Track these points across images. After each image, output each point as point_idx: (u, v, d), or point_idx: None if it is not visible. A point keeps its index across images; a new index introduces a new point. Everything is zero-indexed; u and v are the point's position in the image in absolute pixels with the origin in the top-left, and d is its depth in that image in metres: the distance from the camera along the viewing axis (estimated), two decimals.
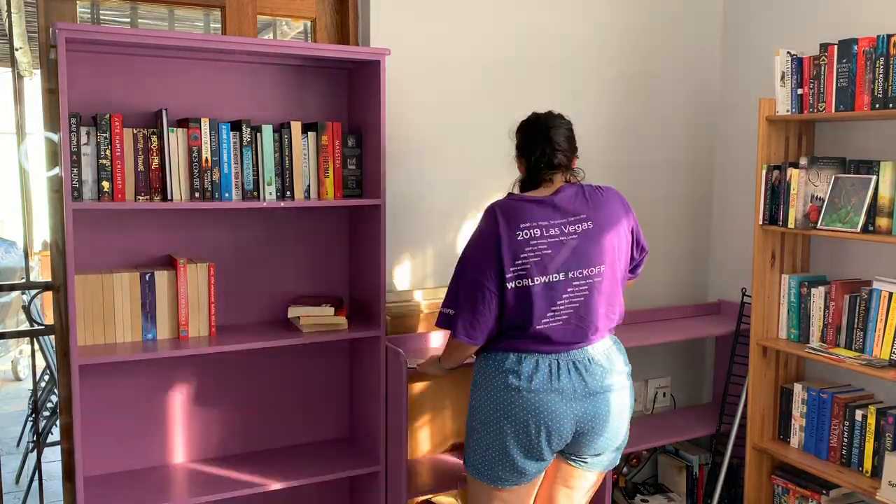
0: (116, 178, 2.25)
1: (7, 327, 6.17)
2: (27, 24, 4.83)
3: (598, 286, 2.12)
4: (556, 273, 2.07)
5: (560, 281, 2.07)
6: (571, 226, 2.11)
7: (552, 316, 2.07)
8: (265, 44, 2.51)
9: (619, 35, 3.22)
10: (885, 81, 2.45)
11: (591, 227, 2.12)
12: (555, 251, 2.07)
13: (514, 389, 2.06)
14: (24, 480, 3.95)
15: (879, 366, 2.51)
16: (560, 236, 2.09)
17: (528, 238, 2.07)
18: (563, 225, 2.10)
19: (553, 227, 2.09)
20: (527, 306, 2.06)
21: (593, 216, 2.13)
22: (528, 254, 2.06)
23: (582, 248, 2.09)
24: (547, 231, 2.08)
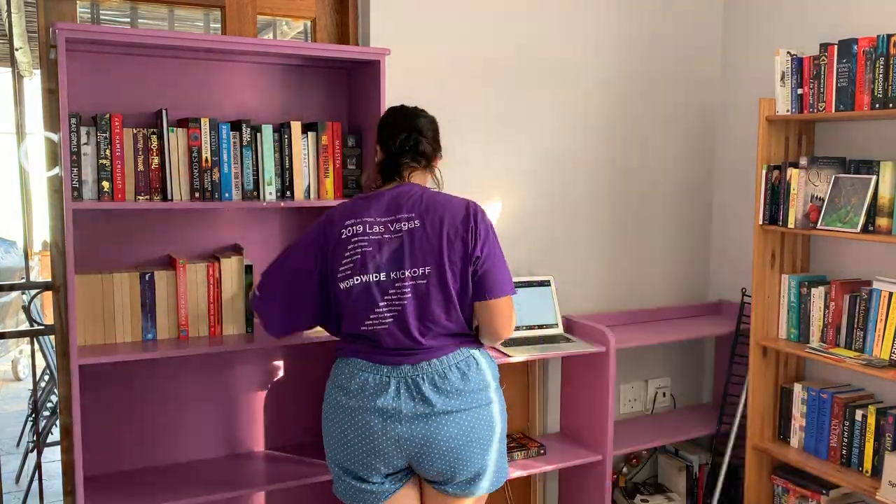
0: (116, 177, 2.25)
1: (7, 327, 6.17)
2: (27, 23, 4.83)
3: (424, 288, 1.96)
4: (377, 272, 1.95)
5: (381, 281, 1.95)
6: (397, 223, 1.98)
7: (375, 318, 1.96)
8: (265, 44, 2.51)
9: (619, 35, 3.22)
10: (885, 81, 2.46)
11: (417, 227, 1.97)
12: (375, 249, 1.96)
13: (343, 409, 1.98)
14: (24, 480, 3.95)
15: (879, 366, 2.51)
16: (384, 234, 1.98)
17: (350, 235, 1.98)
18: (388, 222, 1.99)
19: (377, 224, 1.98)
20: (352, 307, 1.97)
21: (423, 216, 1.98)
22: (350, 251, 1.97)
23: (407, 247, 1.96)
24: (370, 228, 1.98)
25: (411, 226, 1.98)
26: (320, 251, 2.02)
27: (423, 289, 1.96)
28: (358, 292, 1.96)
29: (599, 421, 2.91)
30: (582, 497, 3.05)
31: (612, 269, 3.32)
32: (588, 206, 3.23)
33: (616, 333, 2.94)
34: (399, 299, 1.96)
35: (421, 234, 1.97)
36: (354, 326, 1.99)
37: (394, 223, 1.98)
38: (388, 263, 1.96)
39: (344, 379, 2.00)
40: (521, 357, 2.75)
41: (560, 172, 3.16)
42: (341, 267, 1.98)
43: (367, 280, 1.96)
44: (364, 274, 1.96)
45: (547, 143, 3.12)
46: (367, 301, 1.96)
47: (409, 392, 1.95)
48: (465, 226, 1.98)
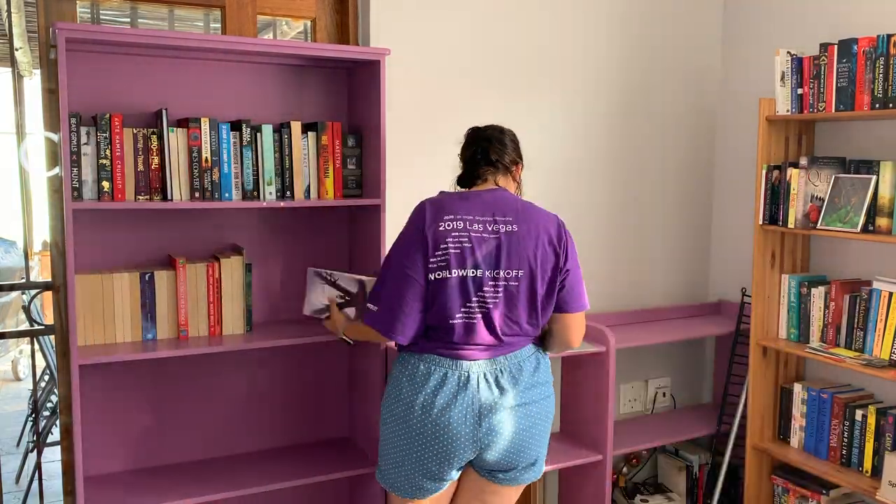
0: (116, 177, 2.25)
1: (7, 327, 6.17)
2: (27, 23, 4.83)
3: (516, 290, 2.04)
4: (475, 268, 2.01)
5: (477, 277, 2.01)
6: (497, 225, 2.05)
7: (465, 312, 2.01)
8: (265, 44, 2.51)
9: (619, 35, 3.22)
10: (885, 81, 2.46)
11: (516, 230, 2.05)
12: (475, 245, 2.02)
13: (418, 409, 2.00)
14: (24, 480, 3.95)
15: (879, 366, 2.51)
16: (482, 232, 2.03)
17: (450, 229, 2.02)
18: (487, 222, 2.05)
19: (477, 223, 2.04)
20: (443, 299, 2.00)
21: (520, 222, 2.07)
22: (448, 244, 2.01)
23: (504, 248, 2.03)
24: (470, 225, 2.04)
25: (509, 229, 2.05)
26: (421, 247, 2.02)
27: (514, 290, 2.03)
28: (453, 285, 2.00)
29: (599, 421, 2.91)
30: (582, 497, 3.05)
31: (612, 269, 3.31)
32: (588, 205, 3.23)
33: (616, 333, 2.94)
34: (492, 297, 2.02)
35: (518, 239, 2.04)
36: (443, 318, 2.00)
37: (492, 224, 2.05)
38: (486, 261, 2.02)
39: (420, 376, 2.03)
40: None
41: (560, 172, 3.16)
42: (433, 259, 2.00)
43: (464, 274, 2.01)
44: (462, 268, 2.00)
45: (547, 144, 3.12)
46: (462, 294, 2.00)
47: (487, 385, 2.02)
48: (559, 239, 2.09)
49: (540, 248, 2.06)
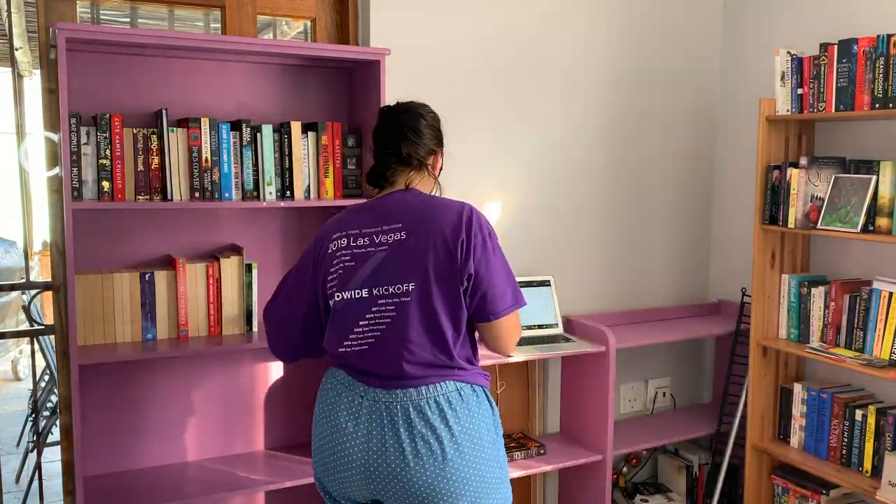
0: (116, 177, 2.25)
1: (7, 327, 6.17)
2: (27, 23, 4.83)
3: (407, 307, 1.75)
4: (358, 289, 1.79)
5: (363, 298, 1.78)
6: (383, 235, 1.80)
7: (354, 339, 1.79)
8: (265, 44, 2.51)
9: (619, 35, 3.22)
10: (885, 81, 2.46)
11: (404, 238, 1.78)
12: (359, 263, 1.79)
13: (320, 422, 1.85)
14: (24, 480, 3.95)
15: (879, 366, 2.51)
16: (368, 247, 1.80)
17: (335, 249, 1.83)
18: (374, 234, 1.81)
19: (362, 237, 1.82)
20: (333, 324, 1.83)
21: (410, 226, 1.79)
22: (335, 266, 1.82)
23: (390, 261, 1.77)
24: (354, 241, 1.82)
25: (397, 237, 1.79)
26: (314, 271, 1.88)
27: (406, 307, 1.76)
28: (339, 310, 1.82)
29: (599, 421, 2.91)
30: (582, 497, 3.05)
31: (612, 269, 3.32)
32: (588, 205, 3.23)
33: (616, 333, 2.94)
34: (381, 318, 1.77)
35: (407, 247, 1.78)
36: (335, 346, 1.84)
37: (379, 234, 1.81)
38: (371, 279, 1.78)
39: (325, 390, 1.88)
40: (521, 357, 2.75)
41: (560, 172, 3.16)
42: (328, 283, 1.84)
43: (349, 297, 1.80)
44: (345, 290, 1.80)
45: (547, 143, 3.12)
46: (348, 320, 1.80)
47: (380, 420, 1.74)
48: (456, 237, 1.76)
49: (432, 253, 1.76)
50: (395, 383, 1.76)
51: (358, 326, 1.79)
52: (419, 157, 1.91)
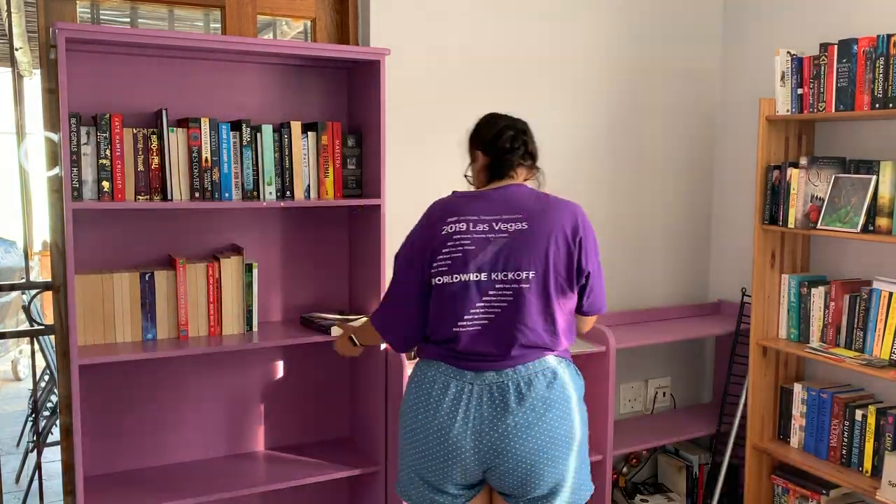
0: (116, 177, 2.25)
1: (7, 327, 6.17)
2: (27, 24, 4.83)
3: (526, 293, 1.89)
4: (478, 272, 1.88)
5: (482, 281, 1.89)
6: (504, 223, 1.91)
7: (469, 319, 1.89)
8: (265, 44, 2.51)
9: (619, 35, 3.22)
10: (885, 81, 2.46)
11: (526, 228, 1.91)
12: (478, 248, 1.89)
13: (423, 415, 1.91)
14: (24, 480, 3.95)
15: (879, 366, 2.51)
16: (488, 233, 1.90)
17: (452, 232, 1.91)
18: (493, 221, 1.92)
19: (482, 223, 1.91)
20: (445, 306, 1.90)
21: (531, 218, 1.92)
22: (450, 248, 1.90)
23: (511, 249, 1.89)
24: (474, 226, 1.91)
25: (519, 227, 1.91)
26: (423, 253, 1.94)
27: (524, 294, 1.89)
28: (455, 291, 1.89)
29: (599, 421, 2.91)
30: None
31: (613, 269, 3.31)
32: (588, 205, 3.19)
33: (616, 333, 2.94)
34: (498, 302, 1.89)
35: (528, 237, 1.90)
36: (446, 327, 1.91)
37: (499, 222, 1.92)
38: (491, 263, 1.89)
39: (427, 384, 1.94)
40: None
41: (560, 172, 3.14)
42: (437, 263, 1.91)
43: (467, 279, 1.89)
44: (464, 273, 1.89)
45: (546, 144, 3.08)
46: (464, 301, 1.89)
47: (492, 400, 1.88)
48: (574, 235, 1.94)
49: (553, 245, 1.91)
50: (504, 364, 1.90)
51: (474, 308, 1.89)
52: (536, 155, 2.07)
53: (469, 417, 1.87)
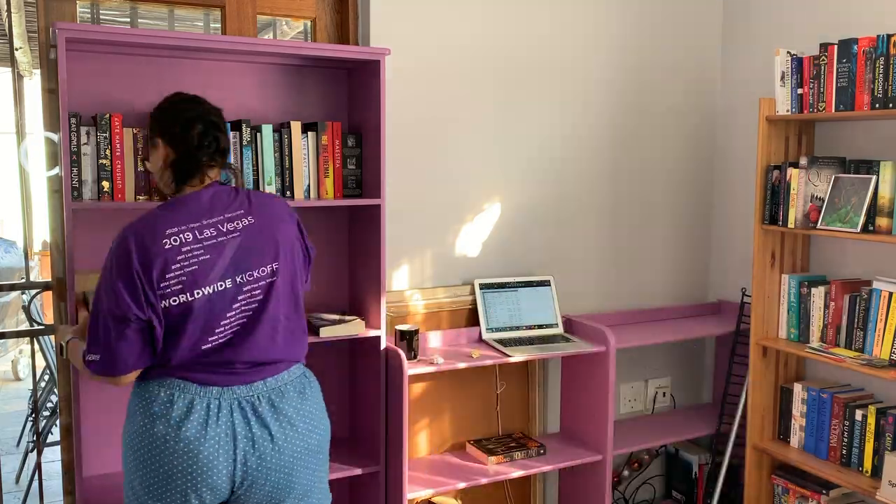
0: (116, 177, 2.25)
1: (7, 327, 6.17)
2: (27, 24, 4.83)
3: (274, 287, 1.81)
4: (222, 280, 1.75)
5: (227, 288, 1.76)
6: (230, 223, 1.80)
7: (221, 332, 1.76)
8: (265, 44, 2.51)
9: (619, 35, 3.21)
10: (885, 81, 2.45)
11: (254, 222, 1.82)
12: (214, 253, 1.75)
13: (160, 438, 1.72)
14: (24, 480, 3.95)
15: (879, 366, 2.51)
16: (218, 236, 1.77)
17: (178, 245, 1.73)
18: (218, 223, 1.78)
19: (208, 228, 1.77)
20: (190, 326, 1.73)
21: (253, 211, 1.83)
22: (180, 263, 1.72)
23: (248, 246, 1.79)
24: (200, 233, 1.76)
25: (245, 222, 1.81)
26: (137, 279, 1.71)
27: (273, 287, 1.82)
28: (199, 307, 1.74)
29: (599, 421, 2.92)
30: (582, 497, 3.05)
31: (612, 269, 3.32)
32: (588, 205, 3.23)
33: (616, 333, 2.94)
34: (249, 304, 1.79)
35: (259, 230, 1.82)
36: (194, 346, 1.75)
37: (224, 223, 1.79)
38: (234, 266, 1.77)
39: (161, 406, 1.75)
40: (521, 357, 2.75)
41: (560, 172, 3.16)
42: (165, 283, 1.72)
43: (211, 291, 1.75)
44: (206, 285, 1.74)
45: (547, 143, 3.12)
46: (213, 314, 1.75)
47: (243, 414, 1.77)
48: (292, 218, 1.92)
49: (283, 234, 1.86)
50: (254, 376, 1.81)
51: (225, 319, 1.77)
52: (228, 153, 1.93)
53: (220, 435, 1.74)
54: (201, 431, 1.73)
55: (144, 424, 1.75)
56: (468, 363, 2.67)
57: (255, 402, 1.80)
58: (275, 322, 1.83)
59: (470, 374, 2.97)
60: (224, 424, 1.75)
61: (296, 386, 1.87)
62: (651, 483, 3.46)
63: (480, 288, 2.95)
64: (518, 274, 3.07)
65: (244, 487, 1.80)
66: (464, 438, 3.00)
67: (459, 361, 2.66)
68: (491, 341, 2.87)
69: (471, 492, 2.98)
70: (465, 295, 2.96)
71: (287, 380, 1.86)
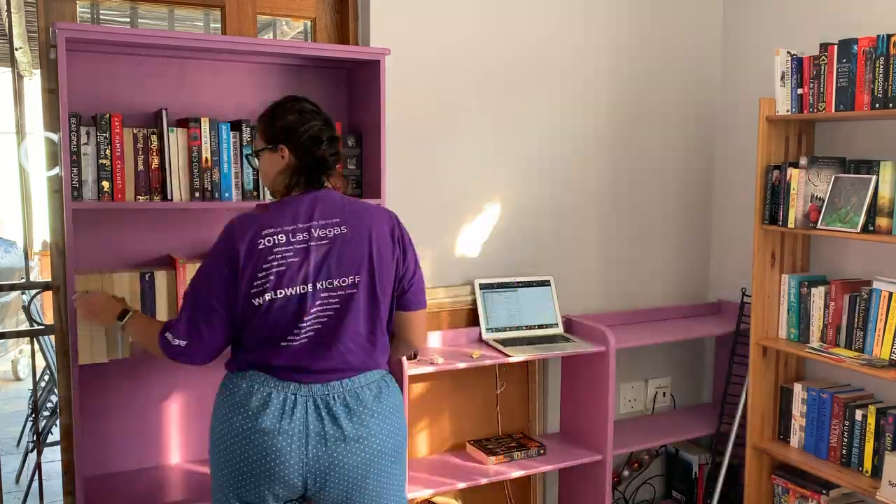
0: (116, 177, 2.25)
1: (7, 327, 6.18)
2: (27, 24, 4.83)
3: (353, 299, 1.84)
4: (304, 284, 1.80)
5: (308, 293, 1.81)
6: (322, 230, 1.84)
7: (297, 334, 1.81)
8: (265, 44, 2.51)
9: (619, 35, 3.21)
10: (885, 81, 2.45)
11: (346, 233, 1.85)
12: (302, 257, 1.81)
13: (237, 429, 1.79)
14: (24, 480, 3.95)
15: (879, 366, 2.51)
16: (308, 241, 1.82)
17: (270, 246, 1.80)
18: (312, 228, 1.83)
19: (300, 232, 1.82)
20: (270, 324, 1.80)
21: (348, 222, 1.86)
22: (269, 263, 1.79)
23: (334, 255, 1.83)
24: (293, 236, 1.82)
25: (338, 232, 1.85)
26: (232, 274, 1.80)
27: (352, 300, 1.84)
28: (280, 307, 1.80)
29: (599, 421, 2.91)
30: (582, 497, 3.05)
31: (612, 269, 3.32)
32: (588, 205, 3.23)
33: (616, 333, 2.94)
34: (325, 311, 1.83)
35: (349, 241, 1.85)
36: (272, 344, 1.82)
37: (317, 229, 1.84)
38: (316, 272, 1.82)
39: (241, 397, 1.82)
40: (521, 357, 2.75)
41: (560, 172, 3.15)
42: (256, 281, 1.79)
43: (293, 293, 1.80)
44: (290, 286, 1.80)
45: (547, 143, 3.12)
46: (292, 315, 1.81)
47: (317, 412, 1.81)
48: (392, 235, 1.92)
49: (375, 247, 1.87)
50: (331, 375, 1.84)
51: (303, 321, 1.81)
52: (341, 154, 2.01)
53: (293, 430, 1.79)
54: (276, 424, 1.78)
55: (225, 416, 1.83)
56: (468, 363, 2.67)
57: (329, 402, 1.83)
58: (349, 332, 1.85)
59: (470, 374, 2.97)
60: (298, 420, 1.79)
61: (372, 389, 1.89)
62: (651, 483, 3.46)
63: (480, 288, 2.95)
64: (518, 274, 3.07)
65: (317, 486, 1.82)
66: (464, 438, 3.00)
67: (459, 361, 2.66)
68: (491, 341, 2.87)
69: (471, 492, 2.98)
70: (465, 295, 2.96)
71: (364, 382, 1.88)
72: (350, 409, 1.83)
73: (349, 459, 1.81)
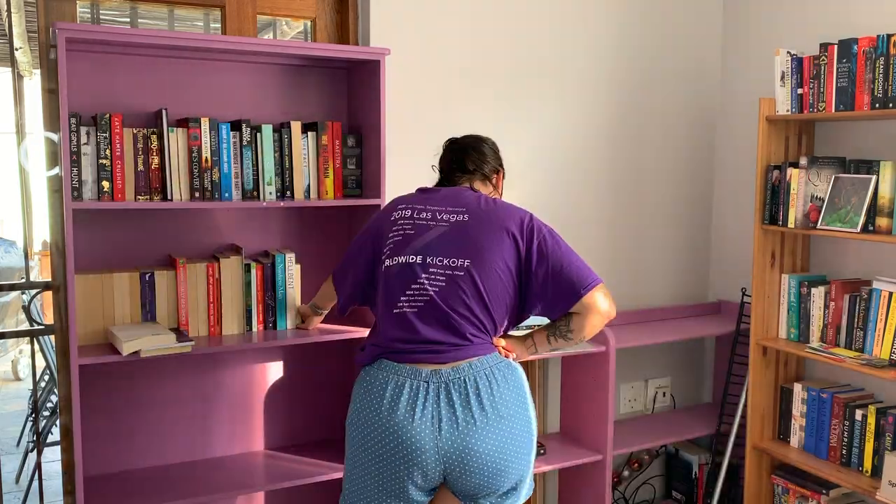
0: (116, 177, 2.25)
1: (7, 327, 6.18)
2: (27, 24, 4.83)
3: (458, 280, 1.94)
4: (414, 255, 1.98)
5: (416, 263, 1.97)
6: (447, 214, 2.03)
7: (406, 300, 1.96)
8: (265, 44, 2.51)
9: (619, 35, 3.22)
10: (885, 81, 2.46)
11: (467, 220, 2.01)
12: (418, 232, 2.01)
13: (372, 420, 1.89)
14: (24, 480, 3.95)
15: (879, 366, 2.51)
16: (430, 220, 2.02)
17: (397, 218, 2.06)
18: (438, 211, 2.04)
19: (426, 212, 2.04)
20: (386, 287, 2.00)
21: (473, 213, 2.03)
22: (394, 233, 2.04)
23: (449, 237, 1.99)
24: (418, 214, 2.04)
25: (460, 218, 2.01)
26: (372, 237, 2.11)
27: (459, 280, 1.95)
28: (395, 273, 1.99)
29: (599, 421, 2.91)
30: (582, 497, 3.05)
31: (612, 269, 3.31)
32: (588, 205, 3.23)
33: (616, 333, 2.94)
34: (432, 284, 1.95)
35: (467, 228, 2.00)
36: (388, 306, 1.99)
37: (442, 213, 2.03)
38: (427, 248, 1.98)
39: (377, 386, 1.93)
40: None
41: (560, 172, 3.16)
42: (384, 248, 2.04)
43: (405, 261, 1.98)
44: (402, 255, 1.99)
45: (547, 144, 3.12)
46: (403, 282, 1.97)
47: (448, 398, 1.88)
48: (521, 233, 2.01)
49: (496, 240, 1.98)
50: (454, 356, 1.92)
51: (410, 289, 1.96)
52: (483, 171, 2.20)
53: (426, 416, 1.87)
54: (409, 413, 1.87)
55: (359, 408, 1.94)
56: None
57: (461, 386, 1.90)
58: (458, 309, 1.95)
59: None
60: (430, 408, 1.87)
61: (502, 370, 1.96)
62: (651, 483, 3.46)
63: None
64: None
65: (457, 472, 1.88)
66: None
67: None
68: None
69: None
70: None
71: (492, 363, 1.95)
72: (479, 393, 1.90)
73: (483, 445, 1.87)
